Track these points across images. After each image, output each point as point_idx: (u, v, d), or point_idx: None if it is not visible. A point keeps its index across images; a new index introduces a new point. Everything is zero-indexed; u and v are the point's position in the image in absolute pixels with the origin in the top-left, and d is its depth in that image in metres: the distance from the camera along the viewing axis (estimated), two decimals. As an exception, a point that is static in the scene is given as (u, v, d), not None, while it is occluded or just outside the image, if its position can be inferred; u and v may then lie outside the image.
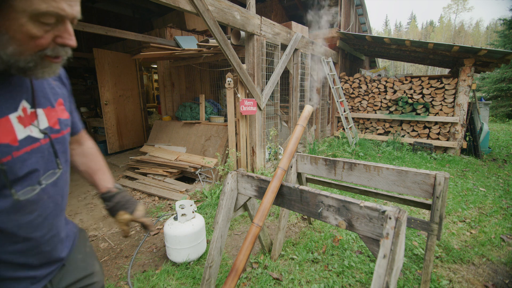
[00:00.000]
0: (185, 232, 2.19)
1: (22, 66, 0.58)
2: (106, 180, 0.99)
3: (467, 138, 5.93)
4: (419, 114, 6.25)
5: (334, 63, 7.00)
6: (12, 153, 0.62)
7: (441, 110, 6.03)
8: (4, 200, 0.62)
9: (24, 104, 0.66)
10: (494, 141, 7.78)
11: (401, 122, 6.64)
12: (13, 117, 0.63)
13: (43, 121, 0.71)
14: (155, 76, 10.31)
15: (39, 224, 0.71)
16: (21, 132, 0.64)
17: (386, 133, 6.90)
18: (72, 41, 0.61)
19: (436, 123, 6.08)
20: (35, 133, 0.68)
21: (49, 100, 0.74)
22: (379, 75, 7.51)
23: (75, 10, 0.59)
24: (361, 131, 7.25)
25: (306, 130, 5.95)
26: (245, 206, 1.97)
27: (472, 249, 2.43)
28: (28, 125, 0.66)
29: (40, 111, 0.70)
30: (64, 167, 0.78)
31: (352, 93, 7.22)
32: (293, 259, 2.29)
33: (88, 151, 1.01)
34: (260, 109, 4.04)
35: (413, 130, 6.47)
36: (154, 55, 4.82)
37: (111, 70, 5.89)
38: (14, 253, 0.68)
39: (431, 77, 6.19)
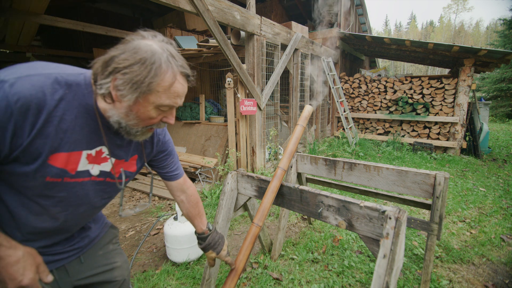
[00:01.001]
0: (185, 232, 2.19)
1: (132, 132, 0.79)
2: (203, 223, 1.24)
3: (467, 138, 5.93)
4: (419, 114, 6.25)
5: (334, 63, 7.00)
6: (64, 178, 0.77)
7: (441, 110, 6.03)
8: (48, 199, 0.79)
9: (103, 149, 0.84)
10: (494, 141, 7.78)
11: (401, 122, 6.64)
12: (84, 153, 0.79)
13: (107, 166, 0.88)
14: (155, 76, 10.28)
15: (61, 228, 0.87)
16: (82, 166, 0.81)
17: (386, 133, 6.90)
18: (173, 121, 0.83)
19: (436, 123, 6.08)
20: (94, 171, 0.84)
21: (126, 155, 0.93)
22: (379, 75, 7.51)
23: (181, 102, 0.80)
24: (361, 131, 7.25)
25: (306, 130, 5.95)
26: (245, 206, 1.97)
27: (472, 249, 2.43)
28: (92, 163, 0.83)
29: (112, 159, 0.88)
30: (98, 204, 0.93)
31: (352, 93, 7.22)
32: (293, 259, 2.29)
33: (190, 198, 1.20)
34: (260, 109, 4.04)
35: (413, 130, 6.47)
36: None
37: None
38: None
39: (431, 77, 6.19)
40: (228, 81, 3.77)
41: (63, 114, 0.70)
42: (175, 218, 2.29)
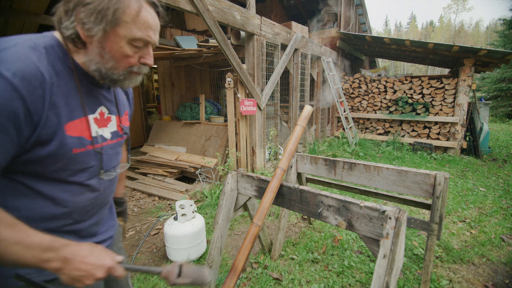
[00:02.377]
0: (185, 232, 2.19)
1: (115, 78, 0.76)
2: (123, 188, 1.23)
3: (467, 138, 5.93)
4: (419, 114, 6.25)
5: (334, 63, 7.00)
6: (87, 146, 0.77)
7: (441, 110, 6.03)
8: (93, 179, 0.81)
9: (103, 109, 0.84)
10: (494, 141, 7.78)
11: (401, 122, 6.64)
12: (91, 117, 0.79)
13: (113, 126, 0.88)
14: (155, 76, 10.30)
15: (94, 206, 0.86)
16: (95, 132, 0.80)
17: (386, 133, 6.90)
18: (151, 62, 0.79)
19: (436, 123, 6.08)
20: (106, 133, 0.85)
21: (120, 111, 0.93)
22: (379, 75, 7.51)
23: (156, 38, 0.77)
24: (361, 131, 7.25)
25: (306, 130, 5.95)
26: (245, 206, 1.97)
27: (472, 249, 2.43)
28: (101, 126, 0.83)
29: (113, 117, 0.88)
30: (117, 167, 0.94)
31: (352, 93, 7.22)
32: (293, 259, 2.29)
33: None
34: (260, 109, 4.04)
35: (413, 130, 6.47)
36: (154, 55, 4.82)
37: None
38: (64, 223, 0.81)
39: (431, 77, 6.19)
40: (228, 81, 3.77)
41: (58, 80, 0.68)
42: (175, 218, 2.29)
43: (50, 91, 0.66)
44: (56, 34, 0.72)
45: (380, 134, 6.96)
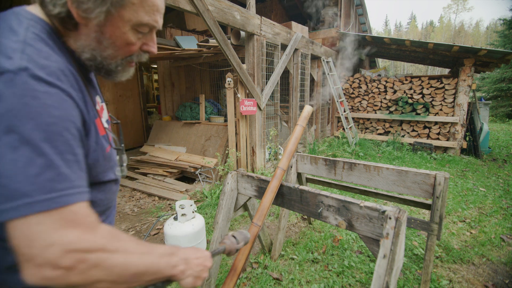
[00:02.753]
0: (185, 232, 2.19)
1: (112, 68, 0.65)
2: None
3: (467, 138, 5.93)
4: (419, 114, 6.25)
5: (334, 63, 7.00)
6: (108, 140, 0.71)
7: (441, 110, 6.03)
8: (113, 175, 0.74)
9: (98, 99, 0.73)
10: (494, 141, 7.78)
11: (401, 122, 6.64)
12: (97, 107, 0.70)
13: (105, 114, 0.79)
14: (155, 76, 10.30)
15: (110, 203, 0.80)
16: (104, 123, 0.72)
17: (386, 133, 6.90)
18: (155, 49, 0.69)
19: (436, 123, 6.08)
20: (105, 124, 0.76)
21: (101, 98, 0.83)
22: (379, 75, 7.51)
23: (161, 23, 0.67)
24: (361, 131, 7.25)
25: (306, 130, 5.95)
26: (245, 206, 1.97)
27: (472, 249, 2.43)
28: (103, 117, 0.74)
29: (104, 105, 0.79)
30: None
31: (352, 93, 7.22)
32: (293, 259, 2.29)
33: None
34: (260, 109, 4.04)
35: (413, 130, 6.47)
36: (154, 55, 4.82)
37: (111, 70, 5.88)
38: None
39: (431, 77, 6.19)
40: (228, 81, 3.77)
41: (72, 72, 0.57)
42: (175, 218, 2.29)
43: (78, 85, 0.58)
44: (34, 10, 0.57)
45: (380, 134, 6.96)
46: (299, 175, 2.50)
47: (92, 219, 0.54)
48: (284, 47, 4.68)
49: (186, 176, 4.54)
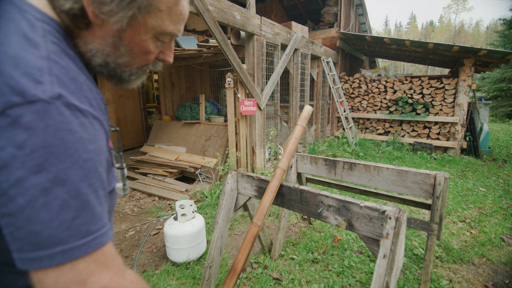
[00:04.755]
0: (185, 232, 2.19)
1: (125, 77, 0.59)
2: None
3: (467, 138, 5.93)
4: (419, 114, 6.25)
5: (334, 63, 7.00)
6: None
7: (441, 110, 6.03)
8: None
9: None
10: (494, 141, 7.78)
11: (401, 122, 6.64)
12: None
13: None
14: (155, 76, 10.30)
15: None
16: None
17: (386, 133, 6.90)
18: (171, 58, 0.63)
19: (436, 123, 6.08)
20: None
21: None
22: (379, 75, 7.52)
23: (182, 31, 0.61)
24: (361, 131, 7.25)
25: (306, 130, 5.95)
26: (245, 206, 1.97)
27: (472, 249, 2.43)
28: None
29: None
30: None
31: (352, 93, 7.22)
32: (293, 259, 2.29)
33: None
34: (260, 109, 4.04)
35: (413, 130, 6.47)
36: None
37: (111, 70, 5.88)
38: None
39: (431, 77, 6.19)
40: (228, 81, 3.77)
41: (94, 86, 0.52)
42: (175, 218, 2.29)
43: (103, 106, 0.53)
44: (38, 3, 0.48)
45: (380, 134, 6.96)
46: (299, 175, 2.50)
47: (120, 260, 0.51)
48: (284, 47, 4.68)
49: (186, 176, 4.54)
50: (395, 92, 6.60)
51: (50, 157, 0.40)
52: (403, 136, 6.59)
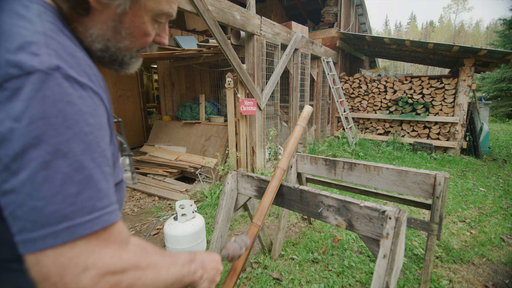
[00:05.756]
0: (185, 232, 2.19)
1: (126, 61, 0.59)
2: None
3: (467, 138, 5.93)
4: (419, 114, 6.25)
5: (334, 63, 7.00)
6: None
7: (441, 110, 6.03)
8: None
9: None
10: (494, 141, 7.78)
11: (401, 122, 6.64)
12: None
13: None
14: (155, 76, 10.31)
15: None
16: None
17: (386, 133, 6.90)
18: (167, 40, 0.64)
19: (436, 123, 6.08)
20: None
21: None
22: (379, 75, 7.52)
23: (176, 11, 0.63)
24: (361, 131, 7.25)
25: (306, 130, 5.95)
26: (245, 206, 1.97)
27: (472, 249, 2.43)
28: None
29: None
30: None
31: (352, 93, 7.22)
32: (293, 259, 2.29)
33: None
34: (260, 109, 4.04)
35: (413, 130, 6.47)
36: (154, 55, 4.82)
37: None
38: None
39: (431, 77, 6.19)
40: (228, 81, 3.77)
41: (95, 67, 0.52)
42: (175, 218, 2.29)
43: (104, 86, 0.53)
44: None
45: (380, 134, 6.96)
46: (299, 175, 2.50)
47: (124, 234, 0.49)
48: (284, 47, 4.68)
49: (186, 176, 4.54)
50: (395, 92, 6.60)
51: (49, 129, 0.39)
52: (403, 136, 6.59)
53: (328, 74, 6.09)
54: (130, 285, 0.45)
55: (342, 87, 7.03)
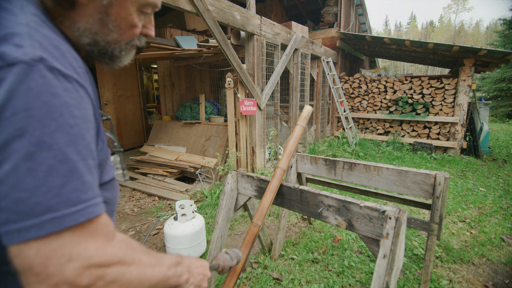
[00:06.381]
0: (185, 232, 2.19)
1: (116, 54, 0.59)
2: None
3: (467, 138, 5.93)
4: (419, 114, 6.25)
5: (334, 63, 7.00)
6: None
7: (441, 110, 6.03)
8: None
9: None
10: (494, 141, 7.77)
11: (401, 122, 6.64)
12: None
13: None
14: (155, 76, 10.31)
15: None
16: None
17: (386, 133, 6.90)
18: (153, 32, 0.64)
19: (436, 123, 6.08)
20: None
21: None
22: (379, 75, 7.51)
23: (160, 1, 0.63)
24: (361, 131, 7.25)
25: (306, 130, 5.95)
26: (245, 206, 1.97)
27: (472, 249, 2.43)
28: None
29: None
30: None
31: (352, 93, 7.22)
32: (293, 259, 2.29)
33: None
34: (260, 109, 4.04)
35: (413, 130, 6.47)
36: (154, 55, 4.82)
37: (111, 70, 5.89)
38: None
39: (431, 77, 6.19)
40: (228, 81, 3.77)
41: (81, 60, 0.51)
42: (175, 218, 2.29)
43: (90, 79, 0.53)
44: None
45: (380, 134, 6.96)
46: (299, 175, 2.50)
47: (110, 228, 0.49)
48: (284, 47, 4.68)
49: (186, 176, 4.54)
50: (395, 92, 6.60)
51: (32, 120, 0.38)
52: (403, 136, 6.59)
53: (328, 74, 6.09)
54: (114, 280, 0.45)
55: (342, 87, 7.03)
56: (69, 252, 0.41)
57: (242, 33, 3.88)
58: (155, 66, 9.14)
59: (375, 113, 6.91)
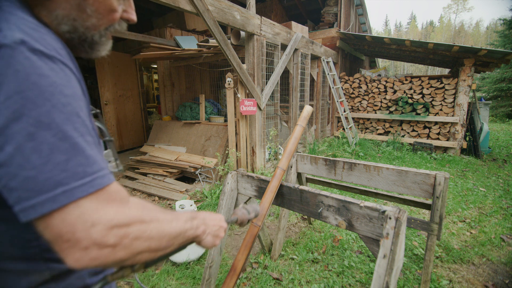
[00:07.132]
0: (185, 232, 2.18)
1: (96, 40, 0.58)
2: None
3: (467, 138, 5.93)
4: (419, 114, 6.25)
5: (334, 63, 7.00)
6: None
7: (441, 110, 6.03)
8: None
9: None
10: (494, 141, 7.77)
11: (401, 122, 6.64)
12: None
13: None
14: (155, 76, 10.31)
15: None
16: None
17: (386, 133, 6.90)
18: (135, 16, 0.63)
19: (436, 123, 6.08)
20: None
21: None
22: (379, 75, 7.51)
23: None
24: (361, 131, 7.25)
25: (306, 130, 5.95)
26: (245, 206, 1.97)
27: (472, 249, 2.43)
28: None
29: None
30: None
31: (352, 93, 7.22)
32: (293, 259, 2.29)
33: None
34: (260, 109, 4.04)
35: (413, 130, 6.47)
36: (154, 55, 4.82)
37: (111, 70, 5.89)
38: None
39: (431, 77, 6.19)
40: (228, 81, 3.77)
41: (63, 44, 0.51)
42: (175, 218, 2.29)
43: (76, 64, 0.54)
44: None
45: (380, 134, 6.96)
46: (299, 175, 2.50)
47: (123, 193, 0.52)
48: (284, 47, 4.68)
49: (186, 176, 4.54)
50: (395, 92, 6.60)
51: (27, 102, 0.39)
52: (403, 136, 6.59)
53: (328, 74, 6.09)
54: (137, 236, 0.48)
55: (342, 87, 7.03)
56: (91, 218, 0.44)
57: (242, 33, 3.88)
58: (155, 66, 9.14)
59: (375, 113, 6.91)
